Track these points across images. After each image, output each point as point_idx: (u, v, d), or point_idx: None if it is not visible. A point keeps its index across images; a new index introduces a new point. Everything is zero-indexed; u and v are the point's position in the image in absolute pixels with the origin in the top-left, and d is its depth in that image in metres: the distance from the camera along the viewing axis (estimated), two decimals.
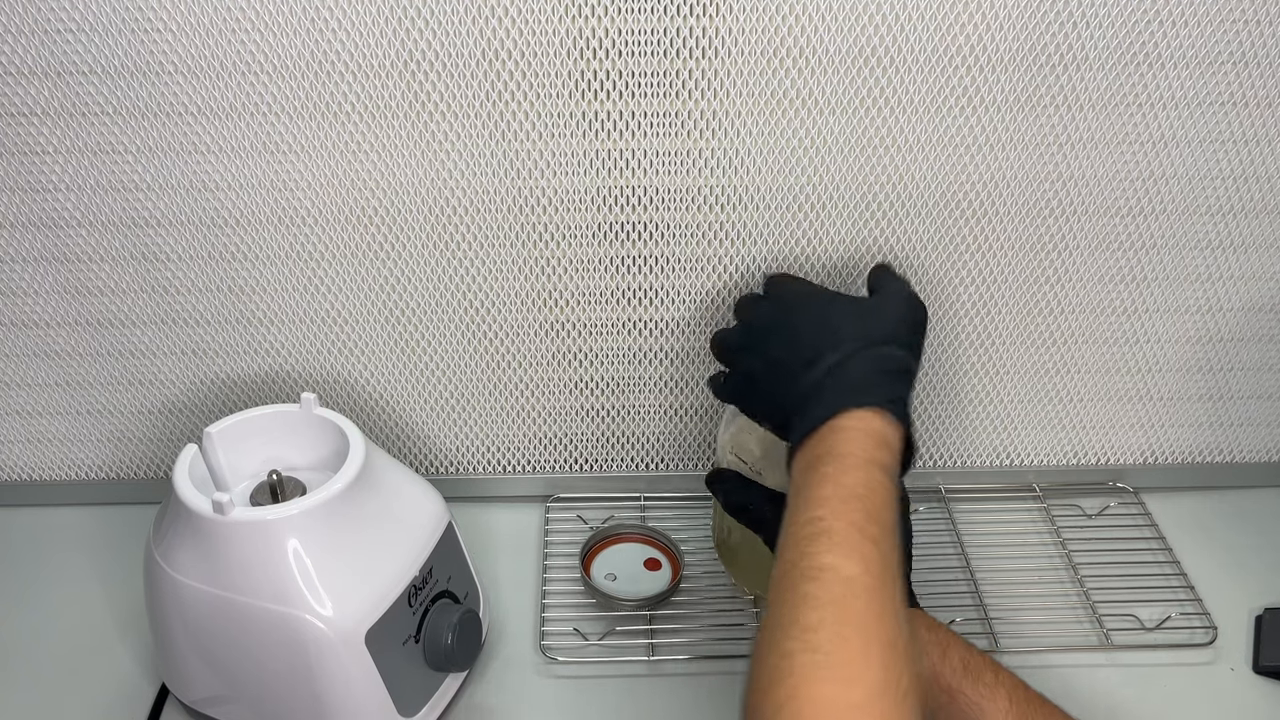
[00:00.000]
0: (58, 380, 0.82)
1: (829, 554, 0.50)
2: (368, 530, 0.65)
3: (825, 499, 0.53)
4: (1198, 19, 0.69)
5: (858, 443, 0.55)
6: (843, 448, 0.55)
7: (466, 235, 0.76)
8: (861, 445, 0.55)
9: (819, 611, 0.49)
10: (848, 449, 0.55)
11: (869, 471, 0.54)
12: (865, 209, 0.76)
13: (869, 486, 0.53)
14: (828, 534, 0.51)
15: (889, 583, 0.50)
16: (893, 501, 0.54)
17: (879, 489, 0.53)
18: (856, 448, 0.55)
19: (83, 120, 0.70)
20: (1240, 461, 0.91)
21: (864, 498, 0.53)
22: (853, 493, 0.53)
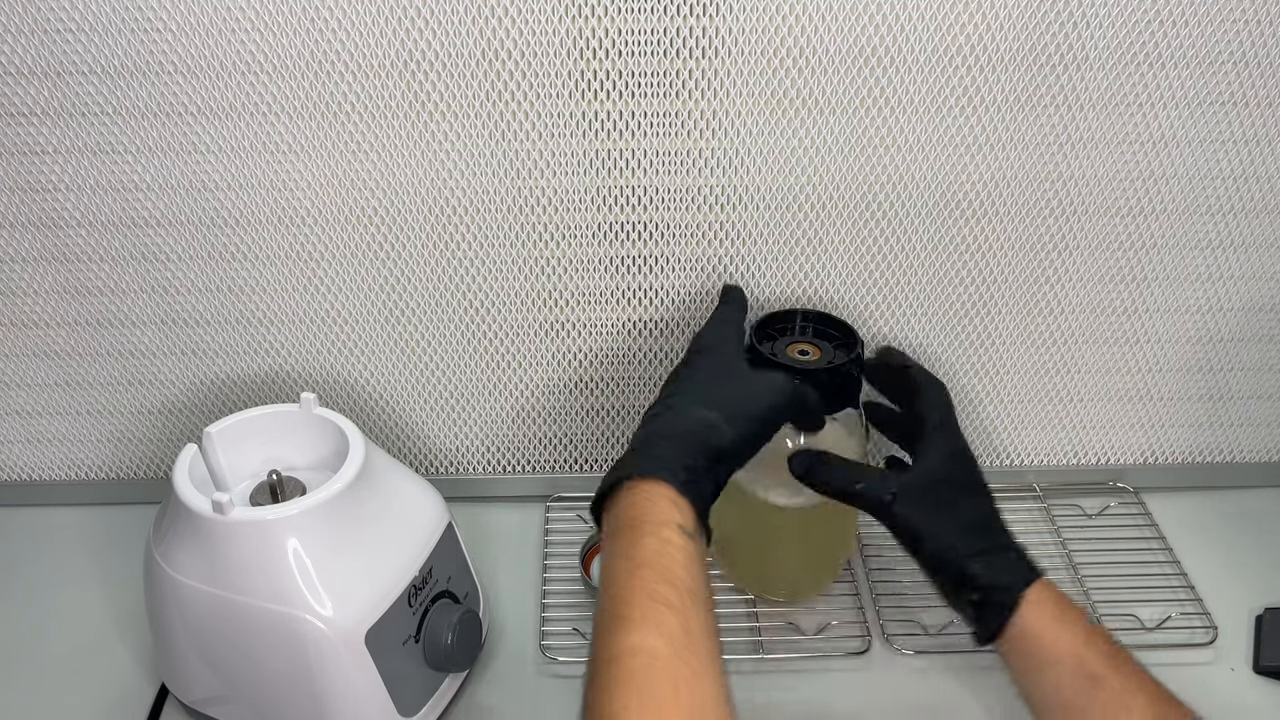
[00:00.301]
0: (58, 380, 0.82)
1: (626, 635, 0.51)
2: (368, 530, 0.65)
3: (617, 576, 0.54)
4: (1198, 19, 0.69)
5: (646, 507, 0.56)
6: (633, 514, 0.56)
7: (466, 235, 0.76)
8: (650, 510, 0.56)
9: (622, 698, 0.49)
10: (637, 514, 0.56)
11: (660, 534, 0.54)
12: (865, 209, 0.76)
13: (659, 550, 0.54)
14: (624, 615, 0.51)
15: (693, 646, 0.50)
16: (692, 558, 0.54)
17: (672, 550, 0.54)
18: (646, 513, 0.56)
19: (83, 120, 0.70)
20: (1240, 461, 0.91)
21: (654, 563, 0.53)
22: (643, 561, 0.53)
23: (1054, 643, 0.59)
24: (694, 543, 0.55)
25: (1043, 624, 0.59)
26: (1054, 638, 0.59)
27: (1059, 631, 0.59)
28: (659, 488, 0.57)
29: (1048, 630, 0.59)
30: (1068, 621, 0.59)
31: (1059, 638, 0.59)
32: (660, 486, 0.57)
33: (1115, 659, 0.58)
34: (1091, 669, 0.57)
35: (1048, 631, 0.59)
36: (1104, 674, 0.57)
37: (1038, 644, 0.59)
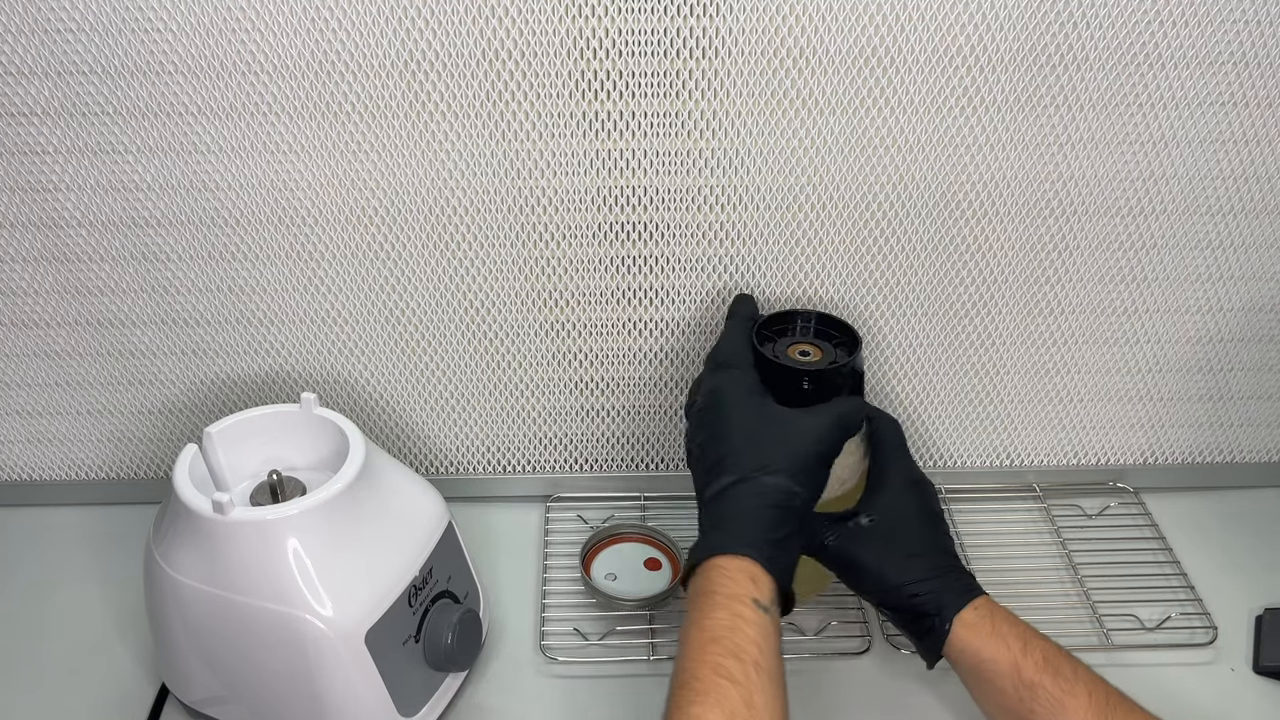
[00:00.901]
0: (58, 380, 0.82)
1: (689, 706, 0.53)
2: (368, 530, 0.65)
3: (689, 645, 0.56)
4: (1198, 19, 0.69)
5: (725, 581, 0.58)
6: (710, 585, 0.58)
7: (466, 235, 0.76)
8: (726, 583, 0.58)
9: None
10: (715, 586, 0.58)
11: (732, 608, 0.57)
12: (865, 209, 0.76)
13: (731, 625, 0.56)
14: (690, 686, 0.54)
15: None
16: (764, 632, 0.56)
17: (744, 624, 0.56)
18: (721, 586, 0.58)
19: (83, 120, 0.70)
20: (1240, 461, 0.91)
21: (724, 638, 0.55)
22: (713, 635, 0.56)
23: (992, 657, 0.61)
24: (768, 616, 0.57)
25: (979, 640, 0.62)
26: (991, 652, 0.61)
27: (995, 646, 0.61)
28: (740, 563, 0.59)
29: (985, 646, 0.61)
30: (1002, 635, 0.62)
31: (996, 652, 0.61)
32: (742, 562, 0.59)
33: (1052, 665, 0.60)
34: (1028, 677, 0.60)
35: (985, 647, 0.61)
36: (1040, 680, 0.59)
37: (977, 659, 0.62)
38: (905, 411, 0.86)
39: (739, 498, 0.62)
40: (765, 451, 0.63)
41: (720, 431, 0.65)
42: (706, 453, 0.65)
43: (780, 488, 0.62)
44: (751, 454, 0.63)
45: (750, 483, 0.62)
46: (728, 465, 0.63)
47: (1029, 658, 0.60)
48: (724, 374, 0.68)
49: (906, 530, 0.67)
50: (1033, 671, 0.60)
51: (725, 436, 0.65)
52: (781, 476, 0.62)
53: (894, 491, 0.68)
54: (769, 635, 0.57)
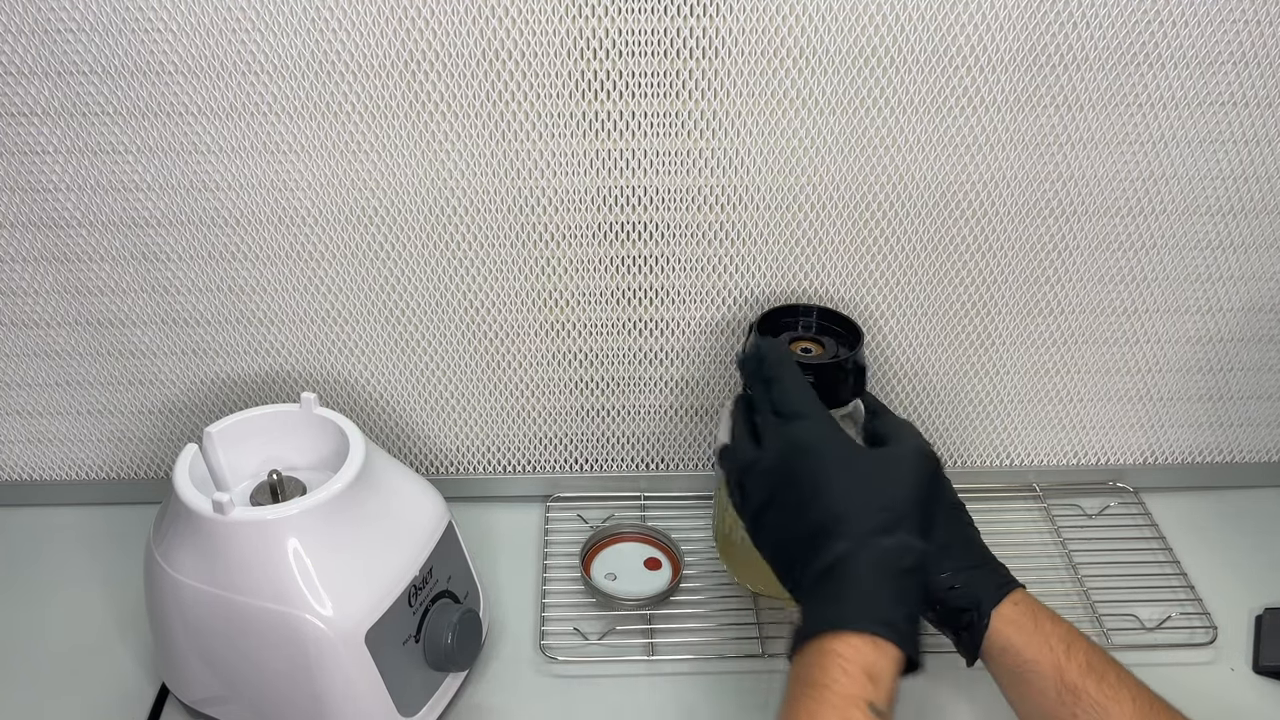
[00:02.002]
0: (58, 380, 0.82)
1: None
2: (368, 530, 0.65)
3: None
4: (1198, 19, 0.69)
5: (840, 676, 0.52)
6: (824, 678, 0.52)
7: (466, 235, 0.76)
8: (843, 680, 0.52)
9: None
10: (828, 680, 0.52)
11: (844, 711, 0.51)
12: (865, 209, 0.76)
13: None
14: None
15: None
16: None
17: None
18: (837, 682, 0.52)
19: (83, 120, 0.70)
20: (1240, 461, 0.91)
21: None
22: None
23: (1033, 658, 0.59)
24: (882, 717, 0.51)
25: (1021, 638, 0.59)
26: (1033, 653, 0.59)
27: (1038, 645, 0.59)
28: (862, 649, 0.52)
29: (1027, 645, 0.59)
30: (1045, 634, 0.59)
31: (1038, 652, 0.59)
32: (864, 647, 0.52)
33: (1096, 669, 0.58)
34: (1071, 680, 0.57)
35: (1027, 646, 0.59)
36: (1084, 685, 0.57)
37: (1018, 659, 0.59)
38: (905, 411, 0.86)
39: (858, 566, 0.54)
40: (876, 508, 0.56)
41: (813, 491, 0.57)
42: (798, 519, 0.58)
43: (905, 548, 0.55)
44: (862, 514, 0.56)
45: (868, 548, 0.55)
46: (837, 531, 0.55)
47: (1073, 660, 0.58)
48: (801, 425, 0.60)
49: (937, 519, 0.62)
50: (1076, 675, 0.57)
51: (820, 496, 0.57)
52: (901, 534, 0.55)
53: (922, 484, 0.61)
54: None
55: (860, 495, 0.57)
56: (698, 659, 0.75)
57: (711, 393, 0.85)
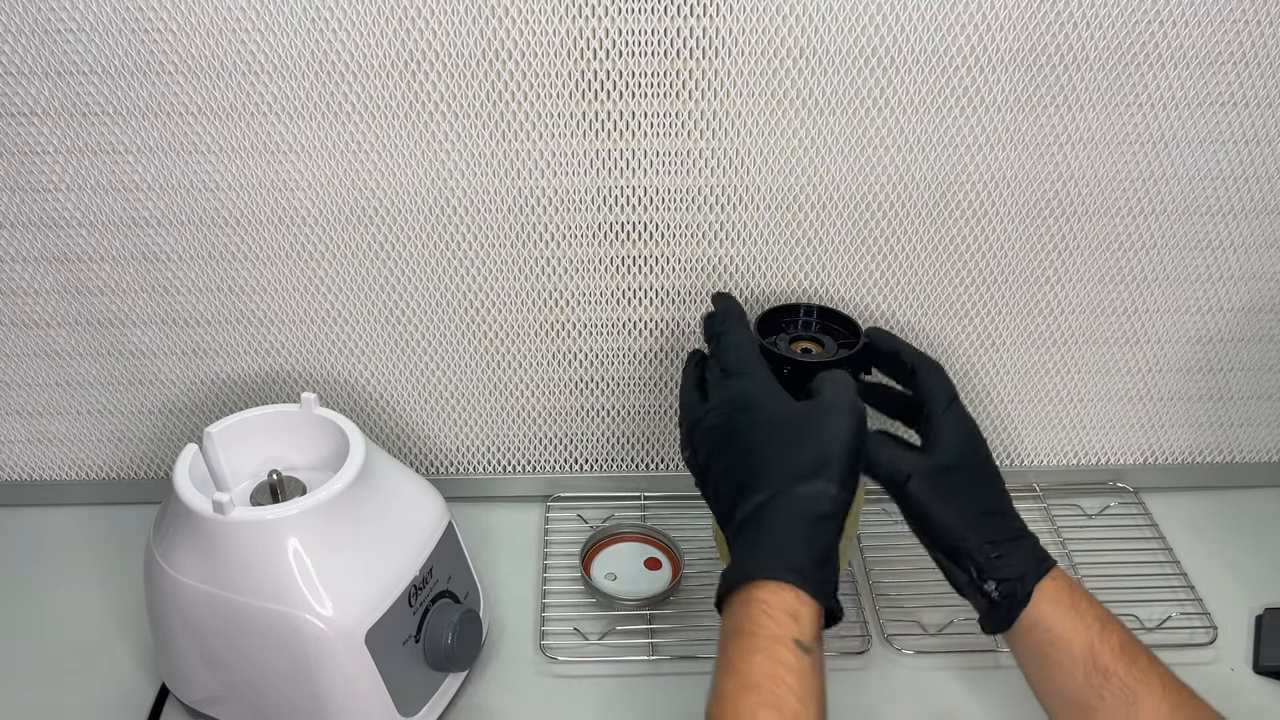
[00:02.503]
0: (58, 380, 0.82)
1: None
2: (368, 530, 0.65)
3: (725, 694, 0.53)
4: (1198, 19, 0.69)
5: (765, 621, 0.54)
6: (750, 625, 0.54)
7: (466, 235, 0.76)
8: (766, 623, 0.54)
9: None
10: (754, 626, 0.54)
11: (773, 652, 0.53)
12: (865, 209, 0.76)
13: (771, 672, 0.52)
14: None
15: None
16: (804, 680, 0.52)
17: (784, 671, 0.52)
18: (763, 627, 0.54)
19: (83, 120, 0.70)
20: (1240, 461, 0.91)
21: (763, 686, 0.52)
22: (751, 682, 0.52)
23: (1067, 636, 0.58)
24: (810, 659, 0.53)
25: (1056, 616, 0.59)
26: (1066, 630, 0.58)
27: (1072, 623, 0.58)
28: (781, 593, 0.54)
29: (1060, 622, 0.59)
30: (1081, 613, 0.59)
31: (1072, 630, 0.58)
32: (783, 592, 0.54)
33: (1129, 653, 0.57)
34: (1103, 663, 0.57)
35: (1060, 623, 0.59)
36: (1115, 668, 0.57)
37: (1049, 636, 0.59)
38: None
39: (775, 515, 0.57)
40: (798, 459, 0.58)
41: (745, 445, 0.60)
42: (730, 472, 0.60)
43: (820, 494, 0.57)
44: (784, 465, 0.58)
45: (785, 496, 0.57)
46: (759, 482, 0.58)
47: (1106, 642, 0.57)
48: (740, 381, 0.62)
49: (983, 485, 0.63)
50: (1109, 657, 0.57)
51: (751, 450, 0.59)
52: (819, 482, 0.57)
53: (963, 443, 0.64)
54: (810, 681, 0.53)
55: (783, 447, 0.58)
56: (698, 659, 0.75)
57: None
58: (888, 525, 0.86)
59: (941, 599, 0.79)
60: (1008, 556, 0.60)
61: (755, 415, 0.60)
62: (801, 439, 0.59)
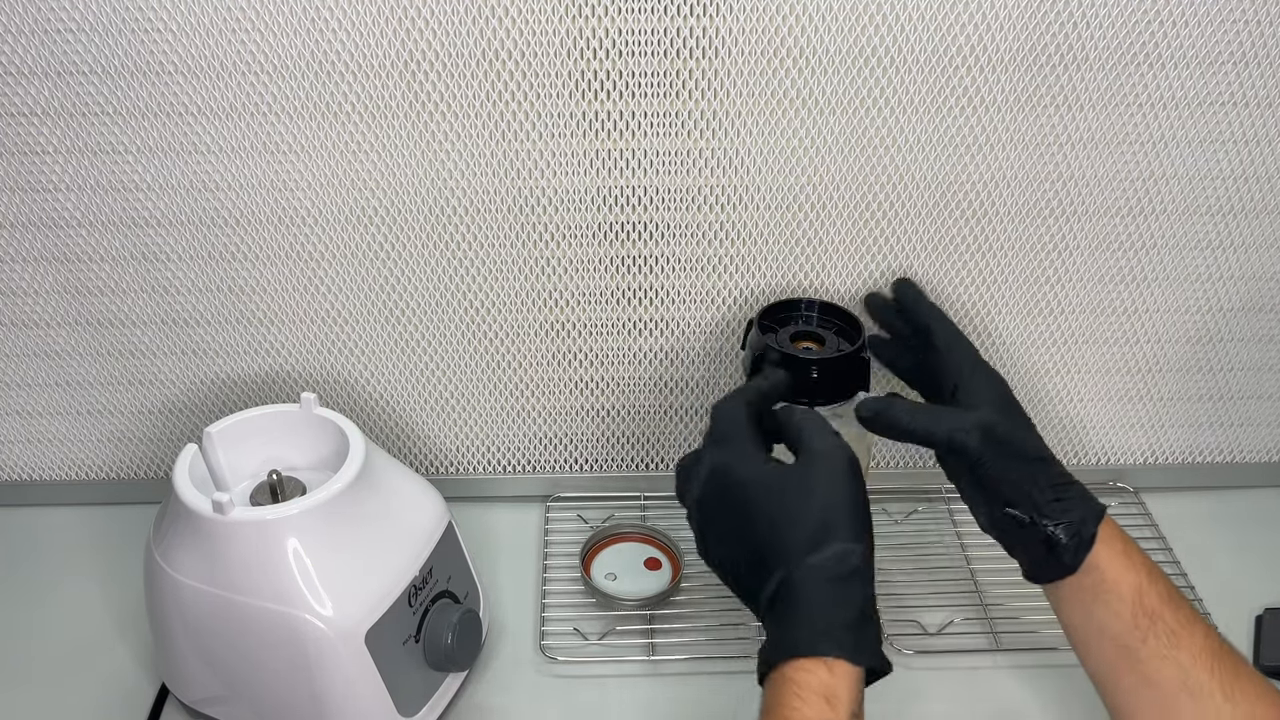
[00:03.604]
0: (58, 380, 0.82)
1: None
2: (368, 530, 0.65)
3: None
4: (1198, 19, 0.69)
5: (798, 704, 0.52)
6: (784, 709, 0.52)
7: (466, 235, 0.76)
8: (801, 708, 0.52)
9: None
10: (788, 711, 0.52)
11: None
12: (865, 209, 0.76)
13: None
14: None
15: None
16: None
17: None
18: (797, 711, 0.52)
19: (83, 120, 0.70)
20: (1240, 461, 0.91)
21: None
22: None
23: (1118, 578, 0.59)
24: None
25: (1109, 558, 0.59)
26: (1118, 573, 0.59)
27: (1124, 566, 0.59)
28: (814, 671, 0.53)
29: (1113, 564, 0.59)
30: (1132, 556, 0.59)
31: (1123, 574, 0.59)
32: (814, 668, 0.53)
33: (1174, 600, 0.58)
34: (1150, 605, 0.58)
35: (1113, 566, 0.59)
36: (1161, 611, 0.57)
37: (1101, 578, 0.59)
38: None
39: (797, 591, 0.55)
40: (805, 529, 0.55)
41: (740, 522, 0.58)
42: (735, 551, 0.58)
43: (836, 557, 0.55)
44: (792, 538, 0.55)
45: (803, 569, 0.55)
46: (770, 560, 0.56)
47: (1154, 587, 0.58)
48: (719, 450, 0.60)
49: (1026, 432, 0.63)
50: (1156, 601, 0.57)
51: (749, 526, 0.57)
52: (834, 545, 0.55)
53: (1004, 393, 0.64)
54: None
55: (786, 519, 0.56)
56: (698, 659, 0.75)
57: (712, 393, 0.85)
58: (888, 525, 0.86)
59: (941, 599, 0.80)
60: (1066, 501, 0.60)
61: (744, 490, 0.58)
62: (802, 506, 0.56)
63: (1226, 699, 0.55)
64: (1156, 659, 0.57)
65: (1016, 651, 0.76)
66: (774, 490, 0.57)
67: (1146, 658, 0.57)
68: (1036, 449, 0.63)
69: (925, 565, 0.83)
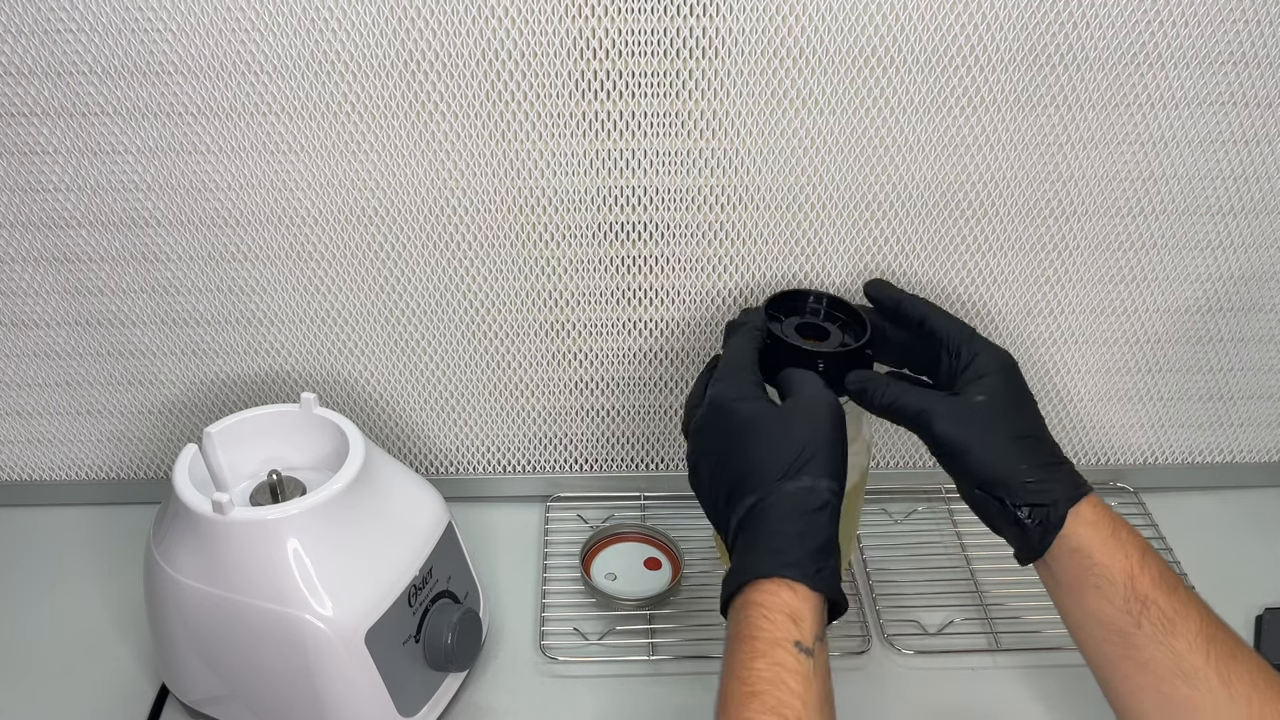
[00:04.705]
0: (58, 380, 0.82)
1: None
2: (368, 530, 0.65)
3: (728, 698, 0.53)
4: (1198, 19, 0.69)
5: (764, 624, 0.54)
6: (750, 629, 0.54)
7: (466, 235, 0.76)
8: (766, 626, 0.54)
9: None
10: (751, 631, 0.54)
11: (773, 656, 0.53)
12: (865, 209, 0.76)
13: (772, 677, 0.52)
14: None
15: None
16: (806, 682, 0.52)
17: (786, 674, 0.52)
18: (763, 630, 0.54)
19: (83, 120, 0.70)
20: (1240, 461, 0.91)
21: (765, 692, 0.52)
22: (751, 688, 0.52)
23: (1106, 561, 0.58)
24: (811, 660, 0.53)
25: (1096, 542, 0.58)
26: (1106, 557, 0.58)
27: (1113, 550, 0.58)
28: (780, 593, 0.54)
29: (1101, 548, 0.58)
30: (1121, 540, 0.58)
31: (1111, 558, 0.58)
32: (782, 590, 0.54)
33: (1167, 582, 0.57)
34: (1142, 590, 0.57)
35: (1100, 549, 0.58)
36: (1154, 596, 0.56)
37: (1089, 561, 0.58)
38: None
39: (766, 515, 0.57)
40: (782, 458, 0.58)
41: (726, 448, 0.60)
42: (718, 476, 0.60)
43: (809, 489, 0.57)
44: (768, 466, 0.58)
45: (774, 495, 0.57)
46: (746, 485, 0.58)
47: (1146, 570, 0.57)
48: (719, 385, 0.63)
49: (1015, 411, 0.63)
50: (1148, 585, 0.57)
51: (733, 453, 0.60)
52: (806, 477, 0.57)
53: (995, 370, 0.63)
54: (812, 682, 0.52)
55: (766, 448, 0.59)
56: (698, 659, 0.75)
57: None
58: (888, 525, 0.86)
59: (941, 599, 0.80)
60: (1043, 482, 0.60)
61: (733, 419, 0.61)
62: (782, 438, 0.59)
63: (1223, 684, 0.55)
64: (1151, 645, 0.56)
65: (1016, 651, 0.76)
66: (760, 423, 0.60)
67: (1141, 643, 0.57)
68: (1025, 428, 0.63)
69: (925, 565, 0.83)
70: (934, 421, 0.62)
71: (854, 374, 0.66)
